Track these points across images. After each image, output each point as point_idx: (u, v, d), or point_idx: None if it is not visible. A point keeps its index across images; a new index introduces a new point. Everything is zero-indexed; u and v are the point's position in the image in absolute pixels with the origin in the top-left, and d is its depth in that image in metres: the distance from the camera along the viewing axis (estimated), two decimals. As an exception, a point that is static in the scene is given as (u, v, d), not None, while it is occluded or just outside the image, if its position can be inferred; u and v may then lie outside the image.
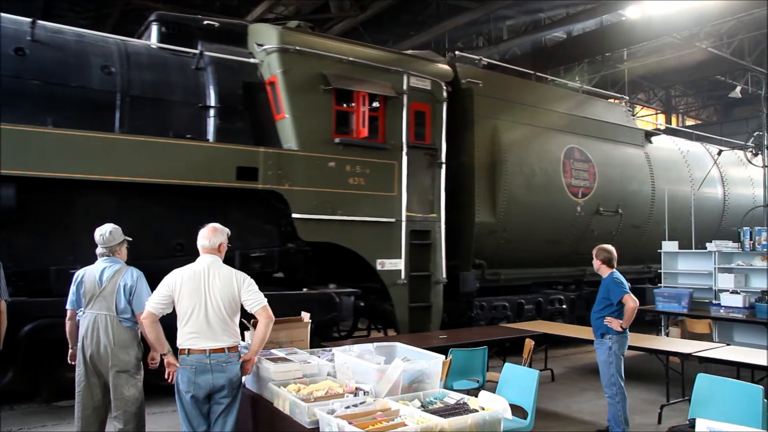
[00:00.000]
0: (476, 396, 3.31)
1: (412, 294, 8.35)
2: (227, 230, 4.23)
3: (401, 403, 3.21)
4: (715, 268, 9.76)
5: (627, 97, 12.60)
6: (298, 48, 7.48)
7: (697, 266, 10.25)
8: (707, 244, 10.15)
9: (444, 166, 8.74)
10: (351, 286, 7.98)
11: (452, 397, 3.37)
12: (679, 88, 28.76)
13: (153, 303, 3.90)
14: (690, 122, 31.33)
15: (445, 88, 8.83)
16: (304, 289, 7.54)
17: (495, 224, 9.42)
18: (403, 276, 8.23)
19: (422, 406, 3.25)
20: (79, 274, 4.52)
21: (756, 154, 15.42)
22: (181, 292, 3.87)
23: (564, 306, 10.87)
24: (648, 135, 12.79)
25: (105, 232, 4.57)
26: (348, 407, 3.13)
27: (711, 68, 21.03)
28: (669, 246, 10.84)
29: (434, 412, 3.07)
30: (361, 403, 3.22)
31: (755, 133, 16.06)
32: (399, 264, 8.20)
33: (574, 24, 15.85)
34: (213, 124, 7.40)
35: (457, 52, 10.31)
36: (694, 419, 3.74)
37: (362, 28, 14.05)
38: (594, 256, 5.94)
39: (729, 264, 9.76)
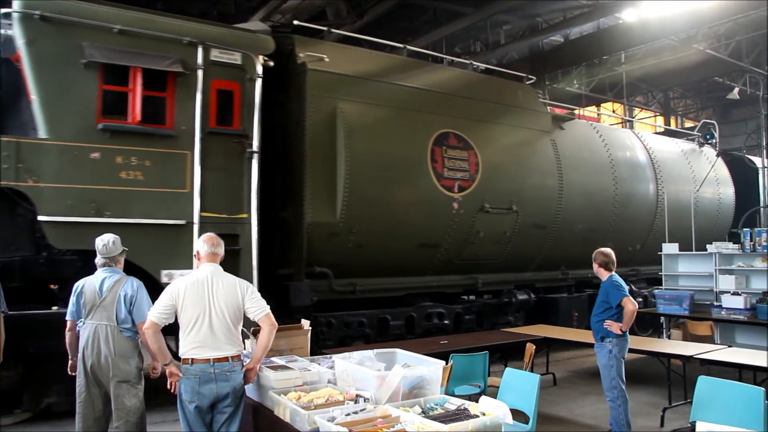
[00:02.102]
0: (477, 401, 3.30)
1: None
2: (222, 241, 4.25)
3: (402, 409, 3.21)
4: (715, 269, 9.76)
5: (534, 78, 11.01)
6: (42, 14, 6.04)
7: (698, 268, 10.24)
8: (708, 246, 10.15)
9: (257, 155, 7.14)
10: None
11: (453, 403, 3.36)
12: (678, 90, 28.79)
13: (156, 313, 3.88)
14: (689, 124, 31.35)
15: (261, 62, 7.24)
16: (54, 308, 6.16)
17: (336, 225, 7.83)
18: None
19: (423, 412, 3.25)
20: (78, 284, 4.52)
21: (702, 144, 14.25)
22: (185, 302, 3.86)
23: (446, 321, 9.23)
24: (558, 120, 11.06)
25: (108, 241, 4.59)
26: (348, 414, 3.13)
27: (709, 70, 21.05)
28: (669, 248, 10.83)
29: (435, 419, 3.07)
30: (361, 410, 3.22)
31: (703, 121, 15.05)
32: None
33: (571, 28, 15.88)
34: None
35: (295, 22, 8.59)
36: (695, 422, 3.74)
37: (359, 35, 14.08)
38: (593, 260, 5.96)
39: (730, 265, 9.75)
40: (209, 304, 3.88)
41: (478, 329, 9.60)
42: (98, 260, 4.58)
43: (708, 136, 14.39)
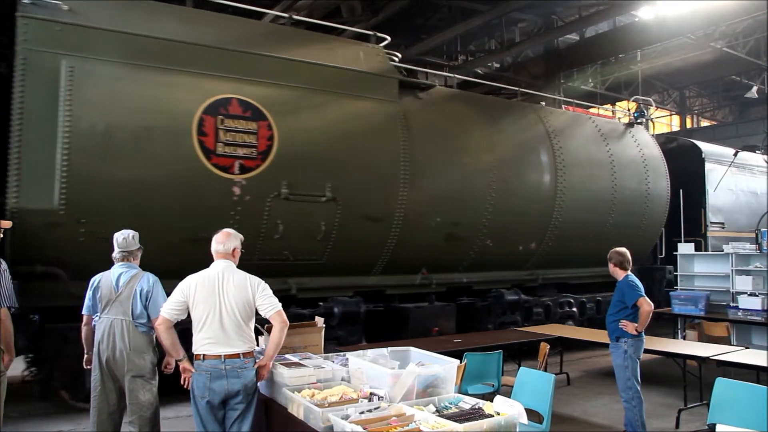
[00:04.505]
0: (491, 401, 3.28)
1: None
2: (240, 236, 4.25)
3: (416, 408, 3.19)
4: (732, 270, 9.65)
5: (387, 39, 8.81)
6: None
7: (714, 268, 10.12)
8: (724, 246, 10.03)
9: None
10: None
11: (467, 402, 3.34)
12: (694, 88, 28.55)
13: (167, 309, 3.92)
14: (705, 123, 31.07)
15: None
16: None
17: (55, 212, 6.16)
18: None
19: (437, 411, 3.23)
20: (95, 279, 4.56)
21: (631, 125, 11.71)
22: (196, 298, 3.88)
23: None
24: (413, 88, 8.90)
25: (127, 236, 4.64)
26: (362, 412, 3.12)
27: (726, 68, 20.85)
28: (685, 248, 10.73)
29: (449, 417, 3.05)
30: (375, 408, 3.21)
31: (633, 98, 12.84)
32: None
33: (587, 26, 15.77)
34: None
35: None
36: (714, 424, 3.70)
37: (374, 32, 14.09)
38: (608, 260, 5.92)
39: (747, 266, 9.64)
40: (219, 300, 3.89)
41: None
42: (115, 255, 4.62)
43: (636, 115, 11.94)
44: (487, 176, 9.03)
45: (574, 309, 10.57)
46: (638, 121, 11.88)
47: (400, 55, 9.16)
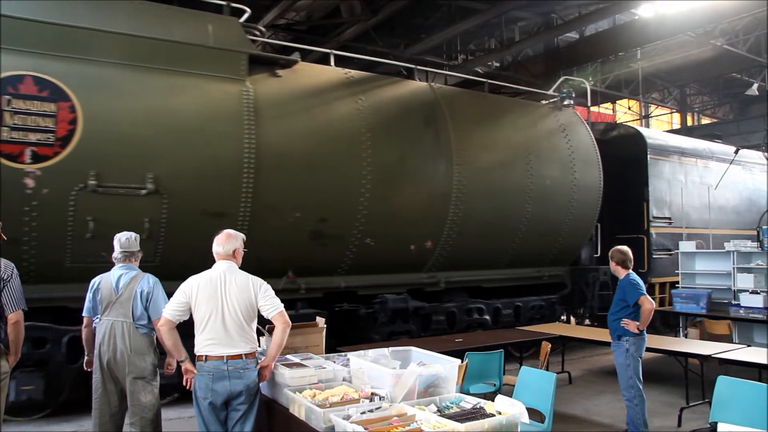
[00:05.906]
0: (493, 400, 3.28)
1: None
2: (242, 235, 4.25)
3: (417, 408, 3.19)
4: (734, 268, 9.62)
5: (248, 11, 7.63)
6: None
7: (716, 266, 10.09)
8: (725, 244, 10.02)
9: None
10: None
11: (468, 402, 3.34)
12: (694, 86, 28.51)
13: (170, 310, 3.92)
14: (706, 121, 31.03)
15: None
16: None
17: None
18: None
19: (438, 410, 3.23)
20: (95, 281, 4.56)
21: (558, 108, 10.51)
22: (198, 299, 3.89)
23: (48, 346, 6.30)
24: (268, 63, 7.64)
25: (130, 236, 4.64)
26: (364, 412, 3.12)
27: (727, 66, 20.82)
28: (686, 246, 10.70)
29: (450, 417, 3.05)
30: (376, 409, 3.21)
31: (562, 79, 11.53)
32: None
33: (587, 24, 15.77)
34: None
35: None
36: (716, 423, 3.69)
37: (373, 32, 14.07)
38: (609, 258, 5.92)
39: (748, 264, 9.62)
40: (222, 301, 3.89)
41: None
42: (117, 255, 4.61)
43: (563, 95, 10.76)
44: (359, 165, 7.80)
45: (486, 316, 9.28)
46: (564, 103, 10.68)
47: (263, 29, 8.22)
